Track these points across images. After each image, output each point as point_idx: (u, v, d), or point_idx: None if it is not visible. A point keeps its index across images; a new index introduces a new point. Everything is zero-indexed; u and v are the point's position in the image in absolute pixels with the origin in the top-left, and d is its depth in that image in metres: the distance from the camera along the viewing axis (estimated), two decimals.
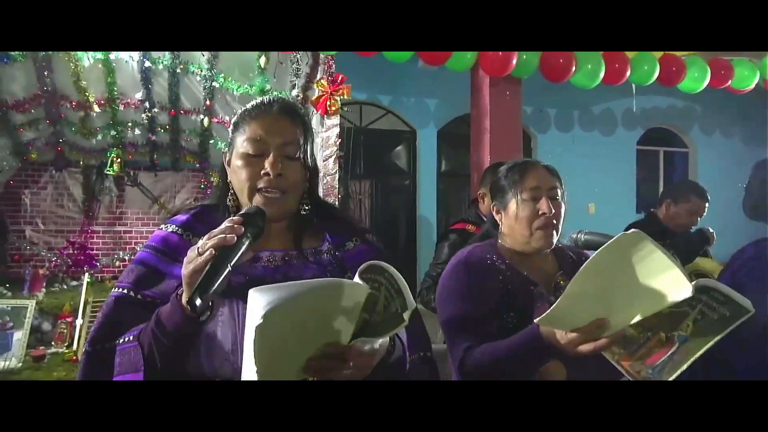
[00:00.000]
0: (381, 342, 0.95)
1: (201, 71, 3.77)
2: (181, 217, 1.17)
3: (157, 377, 0.97)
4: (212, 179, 4.76)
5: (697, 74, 4.46)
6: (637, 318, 1.07)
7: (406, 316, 0.87)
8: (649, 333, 1.11)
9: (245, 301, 1.01)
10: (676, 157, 7.46)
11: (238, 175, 1.09)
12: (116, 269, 4.70)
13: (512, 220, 1.53)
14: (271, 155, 1.07)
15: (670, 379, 1.10)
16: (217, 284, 0.86)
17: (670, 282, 1.01)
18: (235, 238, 0.89)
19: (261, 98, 1.17)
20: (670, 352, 1.10)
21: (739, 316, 1.01)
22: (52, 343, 3.62)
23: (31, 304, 3.59)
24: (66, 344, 3.58)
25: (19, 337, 3.47)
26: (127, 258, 4.73)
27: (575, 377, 1.43)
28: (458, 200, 6.28)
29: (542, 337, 1.24)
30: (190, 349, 1.00)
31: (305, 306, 0.84)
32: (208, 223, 1.09)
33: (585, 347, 1.14)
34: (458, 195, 6.29)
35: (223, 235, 0.89)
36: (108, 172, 4.27)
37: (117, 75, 3.74)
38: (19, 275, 4.33)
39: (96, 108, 3.83)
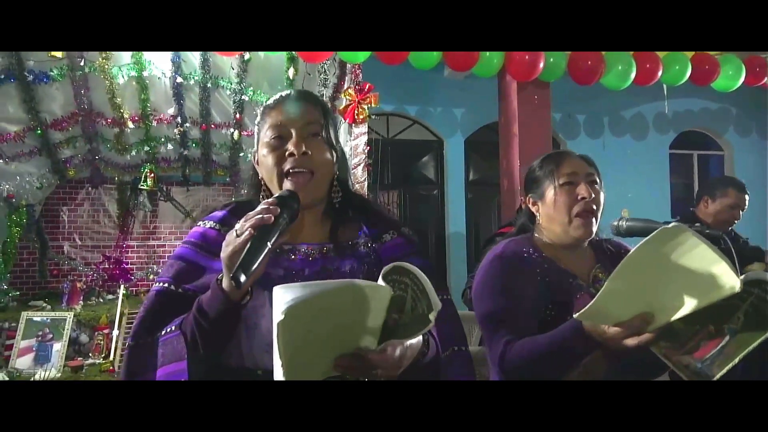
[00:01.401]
0: (411, 344, 0.94)
1: (230, 85, 3.85)
2: (218, 214, 1.18)
3: (200, 365, 0.98)
4: (243, 192, 4.83)
5: (731, 72, 4.36)
6: (684, 312, 1.03)
7: (431, 316, 0.86)
8: (698, 326, 1.08)
9: None
10: (710, 161, 7.27)
11: (265, 165, 1.10)
12: (150, 283, 4.78)
13: (550, 208, 1.51)
14: (293, 136, 1.08)
15: (721, 373, 1.06)
16: (258, 262, 0.86)
17: (716, 276, 0.97)
18: (272, 218, 0.90)
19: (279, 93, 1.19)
20: (720, 346, 1.07)
21: None
22: (90, 354, 3.70)
23: (69, 316, 3.69)
24: (103, 355, 3.65)
25: (58, 348, 3.57)
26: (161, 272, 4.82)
27: (616, 371, 1.39)
28: (487, 209, 6.23)
29: (584, 330, 1.21)
30: (231, 336, 1.01)
31: (326, 305, 0.82)
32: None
33: (630, 341, 1.11)
34: (487, 204, 6.24)
35: (260, 216, 0.89)
36: (142, 188, 4.37)
37: (150, 91, 3.84)
38: (57, 289, 4.45)
39: (130, 124, 3.94)
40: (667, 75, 4.23)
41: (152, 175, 4.33)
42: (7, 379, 3.26)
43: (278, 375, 0.83)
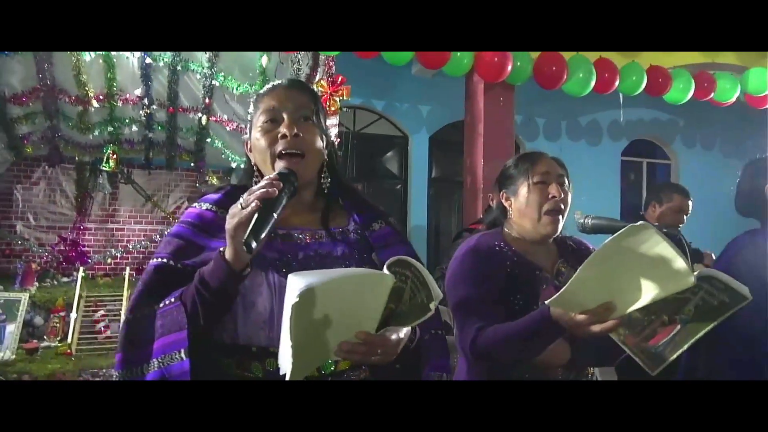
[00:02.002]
0: (405, 331, 1.03)
1: (201, 69, 3.80)
2: (213, 196, 1.22)
3: (198, 335, 1.03)
4: (207, 178, 4.78)
5: (682, 86, 4.63)
6: (643, 303, 1.14)
7: (432, 306, 0.95)
8: (653, 316, 1.19)
9: (280, 275, 1.07)
10: (658, 169, 7.66)
11: (258, 147, 1.15)
12: (107, 266, 4.68)
13: (522, 204, 1.61)
14: (286, 119, 1.13)
15: (672, 357, 1.18)
16: (265, 232, 0.92)
17: (674, 271, 1.08)
18: (276, 191, 0.96)
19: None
20: (672, 334, 1.18)
21: (737, 302, 1.10)
22: (45, 336, 3.61)
23: (24, 297, 3.59)
24: (59, 338, 3.57)
25: (12, 330, 3.46)
26: (119, 255, 4.71)
27: (578, 357, 1.51)
28: (448, 205, 6.38)
29: (552, 318, 1.31)
30: (229, 308, 1.05)
31: (338, 291, 0.89)
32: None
33: (594, 328, 1.21)
34: (448, 200, 6.39)
35: (265, 189, 0.95)
36: (103, 169, 4.27)
37: (117, 71, 3.75)
38: (9, 270, 4.31)
39: (95, 103, 3.83)
40: (624, 84, 4.45)
41: (114, 156, 4.24)
42: None
43: (286, 356, 0.89)
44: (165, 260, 1.11)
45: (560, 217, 1.61)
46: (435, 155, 6.37)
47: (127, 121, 4.09)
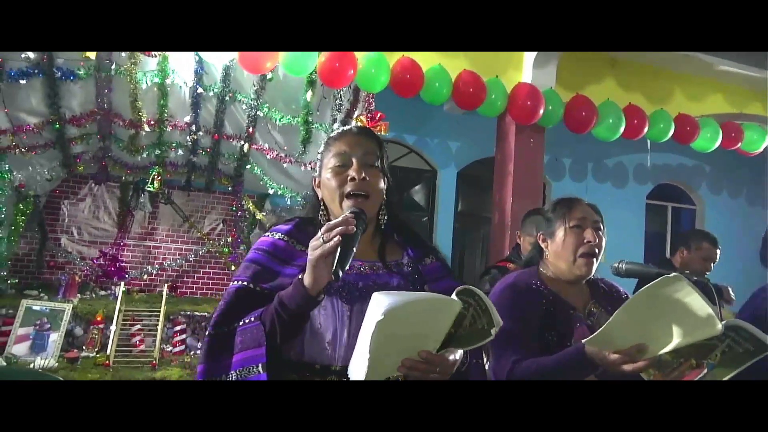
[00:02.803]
0: (460, 353, 1.15)
1: (248, 100, 4.02)
2: (284, 227, 1.36)
3: (275, 351, 1.15)
4: (243, 203, 4.96)
5: (709, 135, 4.72)
6: (672, 346, 1.25)
7: (493, 331, 1.07)
8: (682, 359, 1.30)
9: (342, 301, 1.20)
10: (683, 214, 7.68)
11: (328, 186, 1.29)
12: (143, 282, 4.86)
13: (559, 246, 1.73)
14: (354, 163, 1.27)
15: None
16: (348, 261, 1.05)
17: (703, 320, 1.20)
18: (354, 228, 1.09)
19: (341, 127, 1.40)
20: (699, 377, 1.29)
21: (762, 351, 1.22)
22: (83, 347, 3.76)
23: (68, 308, 3.75)
24: (96, 349, 3.72)
25: (55, 338, 3.62)
26: (154, 272, 4.89)
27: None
28: (473, 239, 6.47)
29: (587, 355, 1.42)
30: (300, 330, 1.18)
31: (413, 312, 1.02)
32: (306, 233, 1.28)
33: (627, 367, 1.32)
34: (473, 234, 6.49)
35: (345, 226, 1.08)
36: (148, 189, 4.48)
37: (169, 98, 3.99)
38: (51, 281, 4.51)
39: (146, 127, 4.07)
40: (652, 131, 4.56)
41: (159, 177, 4.45)
42: (4, 363, 3.32)
43: (360, 368, 1.02)
44: (245, 283, 1.24)
45: (594, 260, 1.72)
46: (462, 190, 6.49)
47: (174, 145, 4.31)
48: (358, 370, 1.03)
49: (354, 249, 1.08)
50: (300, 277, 1.12)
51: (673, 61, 4.66)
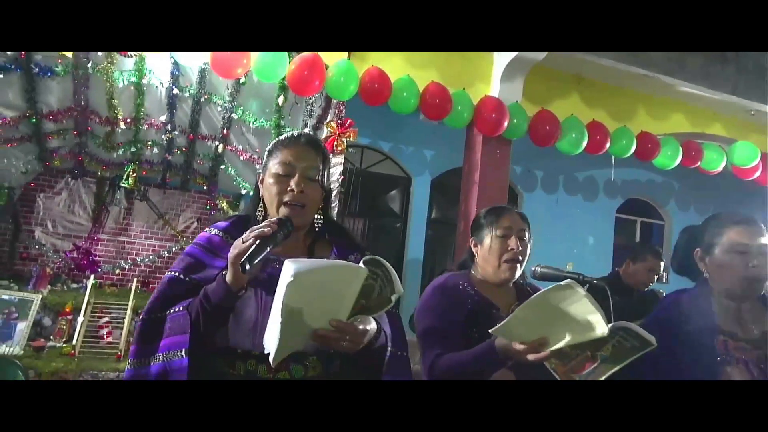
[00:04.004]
0: (371, 327, 1.27)
1: (223, 102, 4.15)
2: (222, 224, 1.48)
3: (197, 339, 1.26)
4: (218, 202, 5.07)
5: (670, 153, 4.91)
6: (567, 342, 1.41)
7: (393, 298, 1.19)
8: (579, 351, 1.46)
9: (267, 292, 1.32)
10: (653, 228, 7.90)
11: (269, 191, 1.40)
12: (115, 276, 4.94)
13: (486, 252, 1.87)
14: (296, 176, 1.37)
15: None
16: (258, 260, 1.16)
17: (592, 322, 1.37)
18: (271, 232, 1.21)
19: (291, 132, 1.51)
20: (593, 366, 1.45)
21: (645, 347, 1.39)
22: (51, 337, 3.84)
23: (37, 298, 3.84)
24: (64, 339, 3.80)
25: (22, 327, 3.70)
26: (127, 267, 4.98)
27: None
28: (445, 246, 6.62)
29: (496, 349, 1.56)
30: (225, 321, 1.29)
31: (321, 278, 1.13)
32: (242, 229, 1.39)
33: (530, 356, 1.47)
34: (445, 241, 6.63)
35: (262, 229, 1.21)
36: (123, 185, 4.58)
37: (146, 97, 4.10)
38: (23, 272, 4.58)
39: (122, 125, 4.18)
40: (614, 147, 4.74)
41: (134, 174, 4.56)
42: None
43: (273, 336, 1.13)
44: (177, 274, 1.36)
45: (518, 265, 1.86)
46: (435, 198, 6.65)
47: (149, 143, 4.42)
48: (271, 339, 1.13)
49: (268, 249, 1.19)
50: (224, 272, 1.25)
51: (637, 80, 4.85)
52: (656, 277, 3.31)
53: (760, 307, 1.68)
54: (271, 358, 1.14)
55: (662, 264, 3.30)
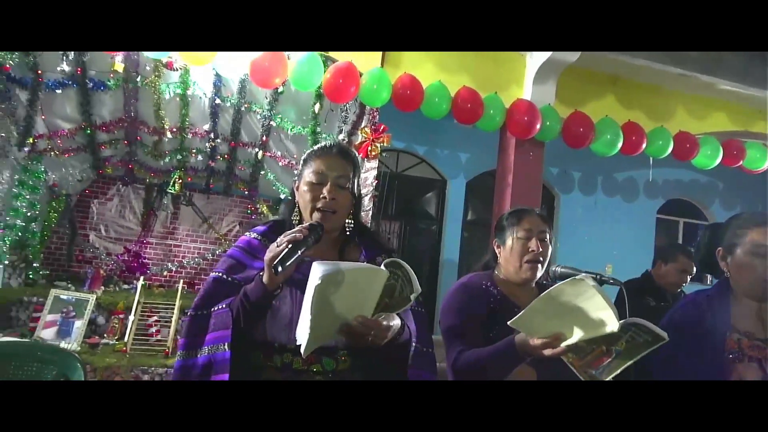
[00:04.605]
0: (395, 323, 1.37)
1: (262, 110, 4.33)
2: (260, 228, 1.61)
3: (239, 333, 1.38)
4: (258, 206, 5.27)
5: (709, 152, 4.82)
6: (581, 337, 1.48)
7: (412, 297, 1.29)
8: (594, 345, 1.52)
9: (301, 291, 1.43)
10: (697, 229, 7.71)
11: (303, 198, 1.52)
12: (163, 278, 5.20)
13: (508, 253, 1.94)
14: (328, 184, 1.49)
15: (606, 379, 1.50)
16: (290, 262, 1.28)
17: (604, 318, 1.43)
18: (302, 237, 1.32)
19: (324, 142, 1.63)
20: (608, 360, 1.51)
21: (657, 341, 1.44)
22: (104, 334, 4.09)
23: (92, 298, 4.09)
24: (116, 337, 4.05)
25: (79, 325, 3.95)
26: (174, 269, 5.23)
27: (542, 377, 1.81)
28: (480, 247, 6.65)
29: (516, 345, 1.64)
30: (263, 317, 1.41)
31: (347, 279, 1.23)
32: (278, 233, 1.51)
33: (547, 351, 1.54)
34: (480, 242, 6.67)
35: (294, 234, 1.33)
36: (170, 191, 4.82)
37: (190, 108, 4.33)
38: (80, 273, 4.88)
39: (168, 134, 4.42)
40: (650, 148, 4.70)
41: (180, 180, 4.79)
42: None
43: (304, 330, 1.24)
44: (221, 274, 1.49)
45: (539, 265, 1.93)
46: (470, 200, 6.69)
47: (194, 151, 4.65)
48: (302, 333, 1.24)
49: (300, 252, 1.30)
50: (261, 274, 1.37)
51: (674, 79, 4.79)
52: (689, 277, 3.28)
53: None
54: (302, 350, 1.26)
55: (694, 265, 3.27)
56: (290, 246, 1.30)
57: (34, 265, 4.49)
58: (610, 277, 1.74)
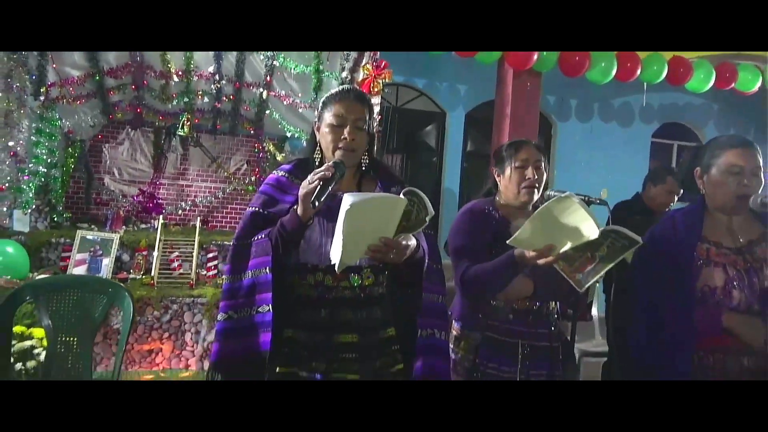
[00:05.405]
0: (412, 243, 1.62)
1: (265, 51, 4.42)
2: (286, 166, 1.83)
3: (277, 258, 1.62)
4: (264, 145, 5.44)
5: (703, 76, 4.94)
6: (569, 246, 1.74)
7: (427, 218, 1.53)
8: (581, 253, 1.78)
9: (329, 220, 1.67)
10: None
11: (325, 138, 1.73)
12: (178, 217, 5.44)
13: (507, 181, 2.17)
14: (348, 126, 1.70)
15: (591, 281, 1.77)
16: (323, 197, 1.51)
17: (587, 227, 1.70)
18: (330, 174, 1.55)
19: (342, 87, 1.82)
20: (593, 265, 1.78)
21: (633, 245, 1.70)
22: (131, 270, 4.39)
23: (116, 237, 4.36)
24: (142, 272, 4.35)
25: (107, 263, 4.25)
26: (188, 208, 5.47)
27: (539, 290, 2.08)
28: (480, 177, 6.85)
29: (514, 256, 1.89)
30: (297, 244, 1.66)
31: (373, 206, 1.47)
32: (303, 170, 1.74)
33: (541, 261, 1.80)
34: (480, 173, 6.87)
35: (323, 172, 1.55)
36: (179, 134, 4.98)
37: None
38: (98, 216, 5.12)
39: (175, 78, 4.53)
40: (645, 74, 4.82)
41: (188, 123, 4.93)
42: None
43: (337, 250, 1.49)
44: (256, 209, 1.73)
45: (535, 191, 2.16)
46: (470, 131, 6.83)
47: (200, 93, 4.76)
48: (335, 252, 1.49)
49: (330, 188, 1.53)
50: (294, 207, 1.61)
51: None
52: (676, 197, 3.51)
53: (751, 219, 1.94)
54: (336, 267, 1.51)
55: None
56: (321, 183, 1.52)
57: (58, 208, 4.72)
58: (597, 198, 1.99)
